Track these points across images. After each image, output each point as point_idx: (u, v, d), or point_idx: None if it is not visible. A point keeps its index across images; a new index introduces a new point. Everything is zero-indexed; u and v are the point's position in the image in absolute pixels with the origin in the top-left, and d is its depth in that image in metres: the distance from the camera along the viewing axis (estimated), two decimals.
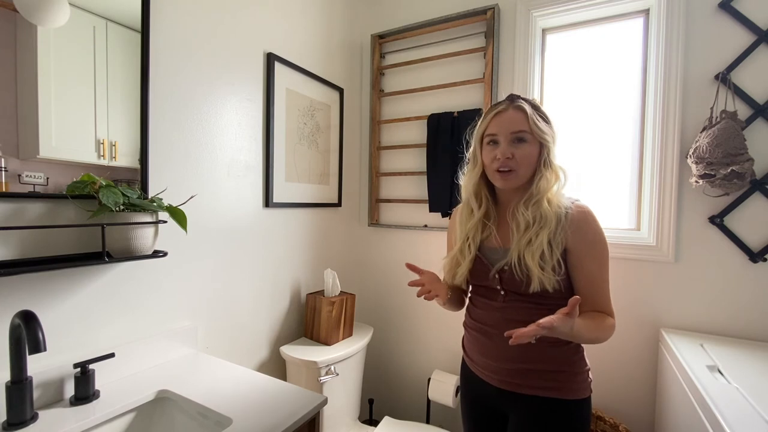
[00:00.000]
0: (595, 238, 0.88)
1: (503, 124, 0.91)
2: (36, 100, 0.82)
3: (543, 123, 0.91)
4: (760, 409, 0.80)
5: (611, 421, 1.34)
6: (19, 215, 0.81)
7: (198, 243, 1.18)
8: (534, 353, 0.88)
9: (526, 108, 0.91)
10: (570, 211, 0.88)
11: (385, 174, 1.91)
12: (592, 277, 0.88)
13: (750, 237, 1.24)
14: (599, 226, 0.89)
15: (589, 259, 0.88)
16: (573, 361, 0.90)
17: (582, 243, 0.87)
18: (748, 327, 1.24)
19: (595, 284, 0.88)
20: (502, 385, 0.92)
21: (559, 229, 0.87)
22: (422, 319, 1.83)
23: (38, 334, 0.69)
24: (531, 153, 0.90)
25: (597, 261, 0.88)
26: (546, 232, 0.86)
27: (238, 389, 0.95)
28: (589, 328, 0.84)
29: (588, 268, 0.88)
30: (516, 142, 0.90)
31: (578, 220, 0.87)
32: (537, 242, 0.86)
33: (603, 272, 0.89)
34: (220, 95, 1.25)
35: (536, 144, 0.91)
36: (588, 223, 0.88)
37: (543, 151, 0.91)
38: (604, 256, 0.89)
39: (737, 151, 1.14)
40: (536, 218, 0.88)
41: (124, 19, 0.97)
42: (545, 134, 0.90)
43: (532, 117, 0.90)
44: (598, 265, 0.88)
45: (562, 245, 0.87)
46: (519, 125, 0.90)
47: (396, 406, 1.92)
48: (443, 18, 1.71)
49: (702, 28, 1.29)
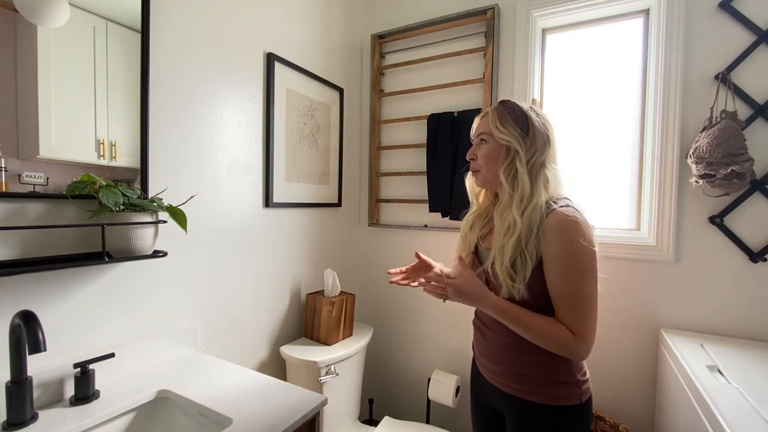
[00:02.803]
0: (563, 250, 0.80)
1: (475, 127, 0.98)
2: (36, 100, 0.82)
3: (509, 127, 0.89)
4: (760, 409, 0.80)
5: (611, 421, 1.34)
6: (19, 215, 0.81)
7: (198, 243, 1.18)
8: (520, 358, 0.88)
9: (492, 111, 0.93)
10: (546, 218, 0.82)
11: (385, 174, 1.91)
12: (555, 289, 0.82)
13: (750, 237, 1.24)
14: (572, 237, 0.79)
15: (553, 270, 0.81)
16: (555, 370, 0.86)
17: (548, 253, 0.82)
18: (748, 327, 1.24)
19: (557, 298, 0.82)
20: (497, 384, 0.94)
21: (531, 237, 0.83)
22: (422, 319, 1.83)
23: (38, 334, 0.69)
24: (488, 153, 0.92)
25: (561, 274, 0.81)
26: (514, 239, 0.83)
27: (238, 389, 0.95)
28: (529, 326, 0.82)
29: (551, 279, 0.82)
30: (480, 143, 0.95)
31: (549, 230, 0.81)
32: (508, 250, 0.84)
33: (570, 287, 0.80)
34: (220, 95, 1.25)
35: (496, 144, 0.91)
36: (557, 232, 0.80)
37: (509, 155, 0.89)
38: (574, 271, 0.80)
39: (737, 151, 1.14)
40: (505, 224, 0.87)
41: (124, 19, 0.97)
42: (503, 136, 0.88)
43: (493, 119, 0.91)
44: (563, 278, 0.80)
45: (536, 255, 0.83)
46: (482, 127, 0.95)
47: (396, 406, 1.92)
48: (443, 18, 1.71)
49: (702, 28, 1.29)
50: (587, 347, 0.81)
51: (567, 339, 0.80)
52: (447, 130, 1.68)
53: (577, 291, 0.80)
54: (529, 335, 0.83)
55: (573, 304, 0.80)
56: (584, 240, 0.79)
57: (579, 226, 0.80)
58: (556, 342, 0.81)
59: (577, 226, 0.80)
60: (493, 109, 0.93)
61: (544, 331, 0.81)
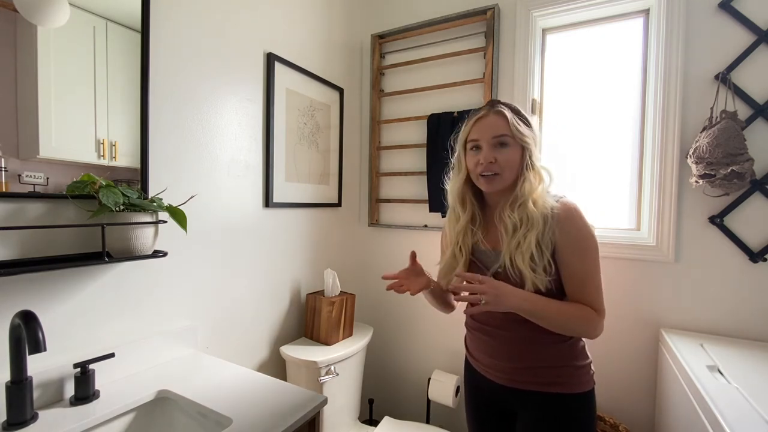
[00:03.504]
0: (578, 234, 0.88)
1: (485, 130, 0.93)
2: (36, 100, 0.82)
3: (524, 126, 0.93)
4: (760, 409, 0.80)
5: (611, 421, 1.34)
6: (19, 215, 0.81)
7: (198, 243, 1.18)
8: (538, 351, 0.91)
9: (506, 113, 0.92)
10: (555, 210, 0.88)
11: (385, 174, 1.91)
12: (574, 271, 0.88)
13: (750, 237, 1.24)
14: (583, 221, 0.89)
15: (570, 253, 0.88)
16: (574, 355, 0.92)
17: (565, 239, 0.88)
18: (748, 327, 1.24)
19: (577, 278, 0.88)
20: (510, 383, 0.94)
21: (546, 230, 0.87)
22: (422, 319, 1.83)
23: (38, 334, 0.69)
24: (513, 156, 0.92)
25: (578, 255, 0.88)
26: (534, 233, 0.87)
27: (238, 389, 0.95)
28: (559, 312, 0.86)
29: (570, 262, 0.88)
30: (498, 146, 0.92)
31: (563, 218, 0.88)
32: (525, 244, 0.87)
33: (586, 266, 0.88)
34: (220, 95, 1.25)
35: (518, 147, 0.92)
36: (570, 219, 0.88)
37: (525, 154, 0.93)
38: (588, 250, 0.88)
39: (737, 151, 1.14)
40: (523, 220, 0.89)
41: (124, 19, 0.97)
42: (526, 137, 0.92)
43: (512, 121, 0.91)
44: (580, 259, 0.88)
45: (551, 245, 0.88)
46: (500, 130, 0.92)
47: (396, 406, 1.92)
48: (443, 18, 1.71)
49: (702, 28, 1.29)
50: (603, 322, 0.89)
51: (593, 317, 0.87)
52: (447, 130, 1.67)
53: (592, 270, 0.88)
54: (557, 321, 0.86)
55: (591, 282, 0.88)
56: (588, 221, 0.90)
57: (583, 212, 0.90)
58: (585, 321, 0.86)
59: (581, 210, 0.90)
60: (506, 110, 0.93)
61: (571, 313, 0.87)
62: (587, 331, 0.88)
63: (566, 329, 0.88)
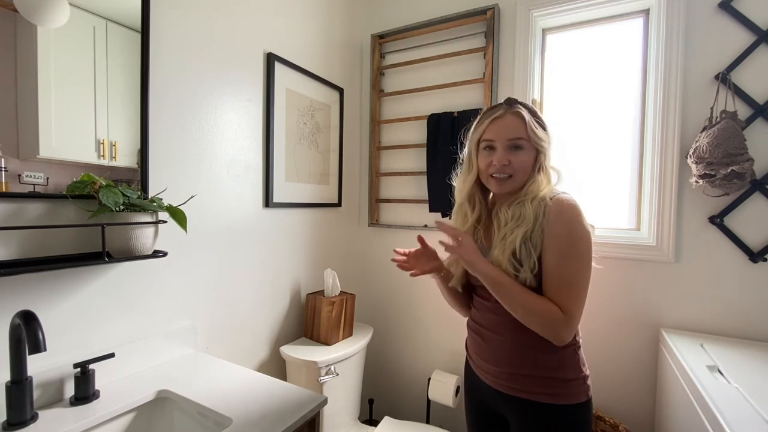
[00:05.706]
0: (561, 230, 0.82)
1: (500, 131, 0.90)
2: (36, 100, 0.82)
3: (540, 130, 0.90)
4: (760, 409, 0.80)
5: (611, 421, 1.34)
6: (19, 215, 0.81)
7: (198, 243, 1.18)
8: (526, 358, 0.88)
9: (524, 114, 0.89)
10: (548, 205, 0.85)
11: (385, 174, 1.91)
12: (551, 272, 0.83)
13: (750, 237, 1.24)
14: (575, 220, 0.82)
15: (550, 252, 0.83)
16: (564, 366, 0.87)
17: (548, 236, 0.83)
18: (748, 327, 1.24)
19: (553, 280, 0.82)
20: (500, 388, 0.92)
21: (536, 227, 0.84)
22: (422, 319, 1.83)
23: (38, 334, 0.69)
24: (527, 159, 0.90)
25: (555, 254, 0.82)
26: (522, 230, 0.84)
27: (238, 389, 0.95)
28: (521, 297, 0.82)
29: (547, 261, 0.83)
30: (513, 149, 0.89)
31: (552, 214, 0.83)
32: (510, 239, 0.85)
33: (566, 267, 0.82)
34: (220, 95, 1.25)
35: (532, 150, 0.90)
36: (559, 216, 0.83)
37: (539, 157, 0.91)
38: (570, 254, 0.82)
39: (737, 151, 1.14)
40: (515, 216, 0.87)
41: (124, 19, 0.97)
42: (542, 141, 0.90)
43: (530, 124, 0.89)
44: (556, 258, 0.82)
45: (540, 243, 0.84)
46: (516, 132, 0.89)
47: (396, 406, 1.92)
48: (443, 18, 1.71)
49: (702, 28, 1.29)
50: (572, 329, 0.83)
51: (556, 316, 0.81)
52: (447, 130, 1.67)
53: (572, 272, 0.82)
54: (517, 307, 0.83)
55: (567, 284, 0.82)
56: (583, 222, 0.83)
57: (578, 209, 0.84)
58: (544, 317, 0.81)
59: (577, 209, 0.84)
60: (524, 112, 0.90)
61: (532, 303, 0.82)
62: (548, 330, 0.82)
63: (526, 320, 0.83)
